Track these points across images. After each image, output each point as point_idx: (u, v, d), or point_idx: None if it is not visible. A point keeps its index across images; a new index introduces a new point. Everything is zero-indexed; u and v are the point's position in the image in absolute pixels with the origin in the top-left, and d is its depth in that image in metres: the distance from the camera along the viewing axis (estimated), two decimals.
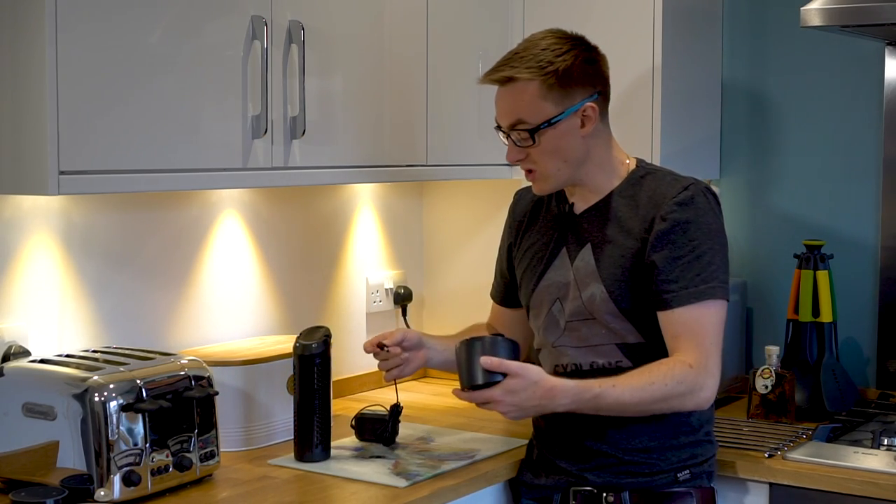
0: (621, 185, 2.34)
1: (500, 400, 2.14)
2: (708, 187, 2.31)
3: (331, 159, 2.56)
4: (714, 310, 2.24)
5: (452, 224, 3.37)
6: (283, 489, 2.26)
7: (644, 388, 2.18)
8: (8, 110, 2.05)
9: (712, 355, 2.22)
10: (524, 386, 2.13)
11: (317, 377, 2.40)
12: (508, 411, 2.16)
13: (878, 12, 2.55)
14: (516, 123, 2.28)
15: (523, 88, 2.25)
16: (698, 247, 2.24)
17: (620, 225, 2.31)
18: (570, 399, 2.17)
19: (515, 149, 2.31)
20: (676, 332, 2.23)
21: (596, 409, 2.20)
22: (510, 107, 2.29)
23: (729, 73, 3.18)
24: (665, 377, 2.18)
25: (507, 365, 2.13)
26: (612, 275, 2.28)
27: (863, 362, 3.06)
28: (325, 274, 3.09)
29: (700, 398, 2.21)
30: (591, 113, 2.28)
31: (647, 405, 2.20)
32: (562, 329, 2.35)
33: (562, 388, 2.16)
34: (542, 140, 2.27)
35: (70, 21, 2.00)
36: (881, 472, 2.38)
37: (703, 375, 2.20)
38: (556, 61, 2.25)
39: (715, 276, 2.24)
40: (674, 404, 2.21)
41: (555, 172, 2.31)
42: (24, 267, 2.36)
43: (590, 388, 2.18)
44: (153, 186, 2.27)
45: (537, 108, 2.25)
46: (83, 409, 2.08)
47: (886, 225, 3.01)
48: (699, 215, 2.25)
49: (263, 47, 2.34)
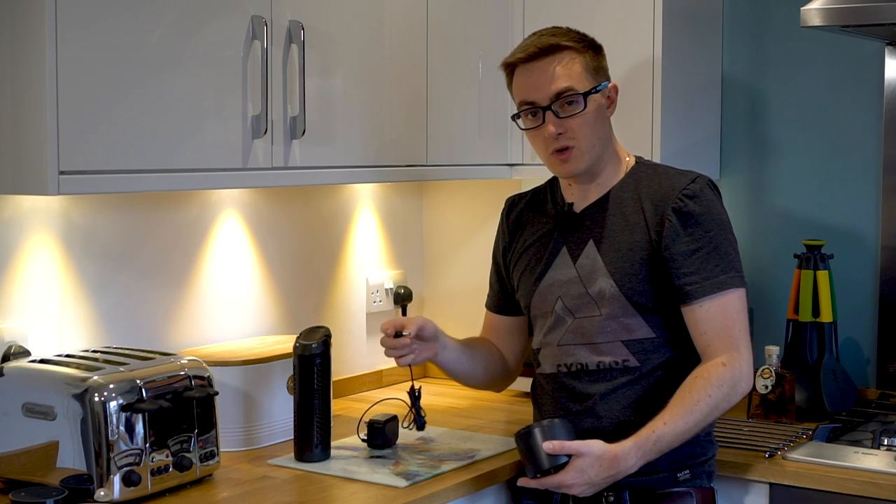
0: (622, 180, 2.35)
1: (573, 482, 2.19)
2: (711, 180, 2.34)
3: (331, 159, 2.56)
4: (736, 298, 2.27)
5: (452, 224, 3.37)
6: (283, 489, 2.25)
7: (693, 411, 2.21)
8: (8, 110, 2.05)
9: (742, 342, 2.26)
10: (591, 463, 2.18)
11: (317, 377, 2.40)
12: (583, 491, 2.21)
13: (878, 12, 2.55)
14: (564, 91, 2.27)
15: (569, 56, 2.29)
16: (715, 237, 2.27)
17: (625, 219, 2.31)
18: (635, 458, 2.20)
19: (557, 121, 2.29)
20: (705, 329, 2.26)
21: (660, 452, 2.22)
22: (554, 76, 2.28)
23: (729, 73, 3.18)
24: (707, 389, 2.22)
25: (569, 446, 2.19)
26: (621, 269, 2.29)
27: (863, 362, 3.06)
28: (325, 274, 3.09)
29: (743, 386, 2.26)
30: (614, 95, 2.35)
31: (704, 422, 2.24)
32: (567, 327, 2.35)
33: (624, 453, 2.19)
34: (590, 105, 2.29)
35: (70, 21, 2.00)
36: (881, 472, 2.38)
37: (738, 367, 2.24)
38: (586, 38, 2.33)
39: (732, 265, 2.28)
40: (724, 406, 2.25)
41: (591, 148, 2.31)
42: (24, 267, 2.36)
43: (647, 438, 2.20)
44: (153, 186, 2.27)
45: (582, 76, 2.29)
46: (83, 409, 2.08)
47: (886, 225, 3.01)
48: (710, 207, 2.29)
49: (263, 47, 2.34)
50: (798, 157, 3.13)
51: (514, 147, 2.99)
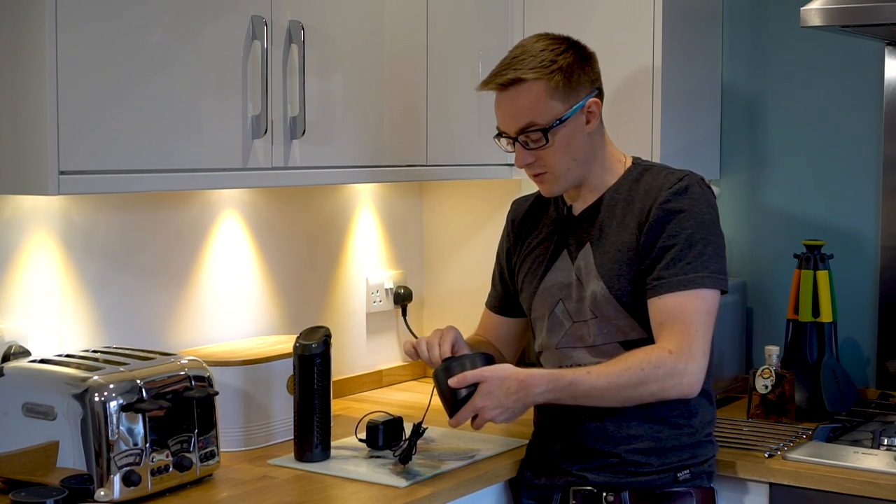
0: (618, 182, 2.35)
1: (482, 406, 2.17)
2: (703, 179, 2.31)
3: (331, 159, 2.56)
4: (702, 298, 2.21)
5: (452, 224, 3.37)
6: (283, 489, 2.25)
7: (619, 374, 2.17)
8: (8, 110, 2.05)
9: (696, 342, 2.18)
10: (497, 385, 2.17)
11: (317, 377, 2.40)
12: (495, 415, 2.18)
13: (878, 12, 2.55)
14: (527, 126, 2.26)
15: (530, 89, 2.25)
16: (692, 236, 2.23)
17: (618, 221, 2.31)
18: (544, 387, 2.17)
19: (525, 153, 2.29)
20: (661, 320, 2.21)
21: (574, 398, 2.20)
22: (517, 110, 2.27)
23: (729, 73, 3.18)
24: (641, 362, 2.17)
25: (472, 375, 2.18)
26: (611, 270, 2.29)
27: (863, 362, 3.06)
28: (325, 274, 3.09)
29: (682, 384, 2.18)
30: (595, 109, 2.30)
31: (624, 391, 2.18)
32: (565, 330, 2.35)
33: (535, 377, 2.18)
34: (554, 139, 2.26)
35: (70, 21, 2.00)
36: (881, 472, 2.38)
37: (684, 361, 2.17)
38: (558, 59, 2.25)
39: (706, 265, 2.22)
40: (653, 390, 2.18)
41: (565, 172, 2.30)
42: (24, 267, 2.36)
43: (563, 375, 2.19)
44: (153, 186, 2.27)
45: (546, 107, 2.25)
46: (83, 409, 2.08)
47: (886, 225, 3.01)
48: (693, 205, 2.25)
49: (263, 47, 2.34)
50: (798, 157, 3.13)
51: None
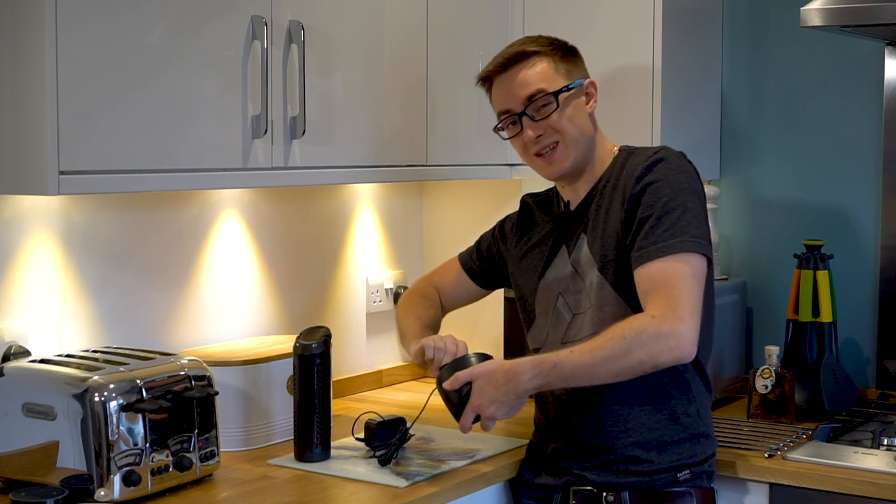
0: (608, 170, 2.37)
1: (479, 404, 2.20)
2: (682, 153, 2.31)
3: (331, 159, 2.56)
4: (686, 261, 2.17)
5: (452, 224, 3.37)
6: (283, 489, 2.26)
7: (602, 346, 2.14)
8: (8, 110, 2.05)
9: (682, 304, 2.13)
10: (486, 381, 2.19)
11: (317, 377, 2.40)
12: (493, 411, 2.20)
13: (878, 12, 2.55)
14: (535, 94, 2.30)
15: (535, 61, 2.32)
16: (667, 203, 2.21)
17: (606, 209, 2.32)
18: (530, 373, 2.17)
19: (535, 124, 2.32)
20: (645, 288, 2.18)
21: (563, 380, 2.18)
22: (524, 81, 2.31)
23: (729, 73, 3.18)
24: (623, 331, 2.13)
25: (462, 376, 2.22)
26: (604, 257, 2.29)
27: (863, 362, 3.06)
28: (325, 274, 3.09)
29: (672, 347, 2.11)
30: (593, 90, 2.37)
31: (611, 363, 2.13)
32: (567, 323, 2.35)
33: (520, 364, 2.19)
34: (564, 103, 2.31)
35: (70, 21, 2.00)
36: (881, 472, 2.38)
37: (669, 323, 2.11)
38: (555, 41, 2.36)
39: (685, 230, 2.19)
40: (641, 357, 2.11)
41: (573, 143, 2.32)
42: (24, 267, 2.36)
43: (548, 359, 2.19)
44: (153, 186, 2.27)
45: (552, 77, 2.32)
46: (83, 409, 2.08)
47: (886, 225, 3.01)
48: (668, 174, 2.24)
49: (263, 47, 2.34)
50: (798, 157, 3.13)
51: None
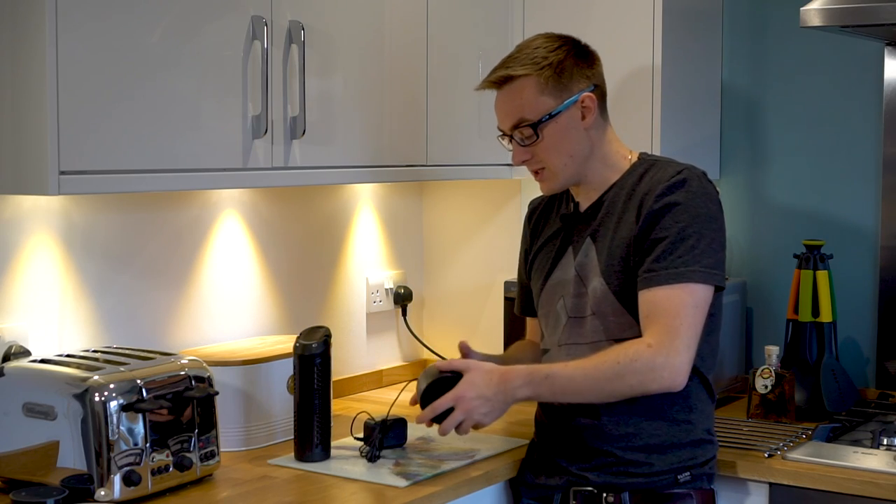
0: (622, 178, 2.34)
1: (464, 394, 2.18)
2: (704, 174, 2.30)
3: (331, 159, 2.56)
4: (690, 293, 2.18)
5: (452, 224, 3.37)
6: (283, 489, 2.26)
7: (595, 367, 2.17)
8: (8, 110, 2.05)
9: (680, 335, 2.15)
10: (480, 374, 2.20)
11: (317, 377, 2.40)
12: (478, 406, 2.19)
13: (878, 12, 2.55)
14: (518, 123, 2.30)
15: (521, 86, 2.28)
16: (684, 229, 2.21)
17: (618, 217, 2.31)
18: (522, 381, 2.19)
19: (520, 149, 2.32)
20: (647, 312, 2.20)
21: (553, 394, 2.21)
22: (510, 107, 2.31)
23: (729, 73, 3.18)
24: (618, 356, 2.17)
25: (458, 363, 2.24)
26: (610, 266, 2.29)
27: (863, 362, 3.06)
28: (325, 274, 3.09)
29: (663, 378, 2.15)
30: (590, 104, 2.30)
31: (602, 384, 2.17)
32: (563, 326, 2.35)
33: (514, 371, 2.20)
34: (545, 134, 2.28)
35: (70, 21, 2.00)
36: (881, 472, 2.38)
37: (664, 355, 2.14)
38: (549, 56, 2.29)
39: (698, 259, 2.19)
40: (632, 383, 2.15)
41: (562, 168, 2.32)
42: (24, 267, 2.36)
43: (540, 370, 2.21)
44: (153, 186, 2.27)
45: (537, 103, 2.28)
46: (83, 409, 2.08)
47: (886, 225, 3.01)
48: (689, 198, 2.23)
49: (263, 47, 2.34)
50: (798, 157, 3.13)
51: None
